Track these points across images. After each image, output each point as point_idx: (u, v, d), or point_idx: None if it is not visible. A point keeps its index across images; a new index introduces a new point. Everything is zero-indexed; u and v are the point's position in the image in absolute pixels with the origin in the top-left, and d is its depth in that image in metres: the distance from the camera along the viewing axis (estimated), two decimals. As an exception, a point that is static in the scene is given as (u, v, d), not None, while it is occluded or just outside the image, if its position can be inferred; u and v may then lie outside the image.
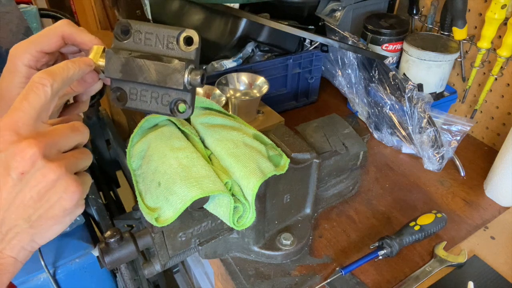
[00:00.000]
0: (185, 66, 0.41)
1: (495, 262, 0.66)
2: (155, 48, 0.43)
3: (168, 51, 0.43)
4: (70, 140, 0.39)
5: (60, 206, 0.37)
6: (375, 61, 0.85)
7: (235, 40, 0.91)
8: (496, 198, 0.78)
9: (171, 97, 0.44)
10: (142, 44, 0.43)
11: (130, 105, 0.45)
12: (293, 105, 1.06)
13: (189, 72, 0.42)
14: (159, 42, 0.42)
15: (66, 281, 0.94)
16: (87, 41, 0.45)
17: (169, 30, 0.42)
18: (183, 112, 0.45)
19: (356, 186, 0.80)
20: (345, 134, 0.73)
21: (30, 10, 1.23)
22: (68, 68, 0.39)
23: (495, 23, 0.79)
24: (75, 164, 0.39)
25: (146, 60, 0.42)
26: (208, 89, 0.83)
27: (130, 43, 0.43)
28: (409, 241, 0.67)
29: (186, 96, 0.44)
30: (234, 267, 0.65)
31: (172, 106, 0.44)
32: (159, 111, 0.45)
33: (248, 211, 0.56)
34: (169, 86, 0.42)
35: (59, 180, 0.36)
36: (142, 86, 0.44)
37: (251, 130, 0.63)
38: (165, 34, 0.42)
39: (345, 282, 0.63)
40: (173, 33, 0.42)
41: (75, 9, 2.23)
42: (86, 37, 0.45)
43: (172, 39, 0.42)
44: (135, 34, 0.43)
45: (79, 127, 0.40)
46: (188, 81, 0.42)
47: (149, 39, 0.43)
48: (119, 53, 0.42)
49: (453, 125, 0.81)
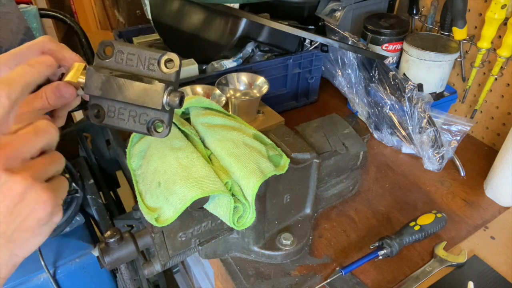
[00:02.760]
0: (165, 88, 0.42)
1: (495, 262, 0.66)
2: (136, 68, 0.43)
3: (149, 72, 0.43)
4: (34, 145, 0.36)
5: (34, 218, 0.35)
6: (375, 61, 0.85)
7: (235, 40, 0.91)
8: (496, 198, 0.78)
9: (149, 116, 0.44)
10: (123, 64, 0.44)
11: (107, 122, 0.45)
12: (293, 105, 1.06)
13: (168, 93, 0.43)
14: (141, 63, 0.43)
15: (66, 281, 0.94)
16: (67, 58, 0.44)
17: (151, 52, 0.43)
18: (160, 132, 0.45)
19: (356, 186, 0.80)
20: (345, 134, 0.73)
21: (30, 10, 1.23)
22: (26, 73, 0.37)
23: (495, 23, 0.79)
24: (44, 171, 0.36)
25: (126, 79, 0.42)
26: (208, 89, 0.83)
27: (112, 63, 0.44)
28: (409, 241, 0.67)
29: (164, 116, 0.44)
30: (234, 267, 0.65)
31: (149, 125, 0.45)
32: (136, 130, 0.45)
33: (248, 211, 0.56)
34: (147, 106, 0.43)
35: (28, 192, 0.34)
36: (121, 104, 0.44)
37: (251, 130, 0.63)
38: (147, 55, 0.43)
39: (345, 282, 0.63)
40: (155, 55, 0.43)
41: (75, 9, 2.23)
42: (67, 53, 0.44)
43: (154, 61, 0.43)
44: (117, 54, 0.43)
45: (43, 127, 0.37)
46: (167, 102, 0.43)
47: (130, 60, 0.43)
48: (100, 71, 0.43)
49: (453, 125, 0.81)
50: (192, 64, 0.91)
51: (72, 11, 2.24)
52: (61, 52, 0.44)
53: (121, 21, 1.61)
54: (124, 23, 1.56)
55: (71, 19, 1.47)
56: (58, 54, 0.44)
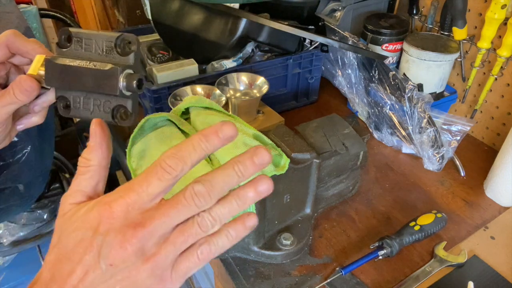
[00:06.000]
0: (120, 71, 0.40)
1: (495, 262, 0.66)
2: (94, 54, 0.41)
3: (107, 57, 0.41)
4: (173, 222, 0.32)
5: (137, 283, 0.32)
6: (375, 61, 0.85)
7: (235, 40, 0.91)
8: (496, 198, 0.78)
9: (112, 103, 0.42)
10: (82, 51, 0.42)
11: (74, 114, 0.44)
12: (293, 105, 1.06)
13: (124, 77, 0.40)
14: (98, 48, 0.41)
15: (66, 281, 0.94)
16: (30, 50, 0.44)
17: (107, 35, 0.41)
18: (125, 120, 0.43)
19: (356, 186, 0.80)
20: (345, 134, 0.73)
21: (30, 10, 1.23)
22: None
23: (495, 23, 0.79)
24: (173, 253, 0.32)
25: (81, 67, 0.41)
26: (208, 89, 0.83)
27: (71, 51, 0.42)
28: (409, 241, 0.67)
29: (126, 102, 0.42)
30: (234, 267, 0.65)
31: (114, 113, 0.43)
32: (102, 119, 0.43)
33: (248, 211, 0.56)
34: (105, 92, 0.41)
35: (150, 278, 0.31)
36: (83, 93, 0.43)
37: (251, 130, 0.63)
38: (103, 39, 0.41)
39: (345, 282, 0.63)
40: (111, 38, 0.41)
41: (75, 9, 2.23)
42: (29, 46, 0.44)
43: (110, 44, 0.41)
44: (76, 42, 0.42)
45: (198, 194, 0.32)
46: (124, 86, 0.41)
47: (88, 45, 0.42)
48: (58, 60, 0.41)
49: (453, 125, 0.81)
50: (192, 64, 0.91)
51: (72, 11, 2.23)
52: (23, 44, 0.44)
53: (121, 21, 1.61)
54: (124, 23, 1.56)
55: (71, 19, 1.48)
56: (21, 46, 0.44)
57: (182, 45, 0.98)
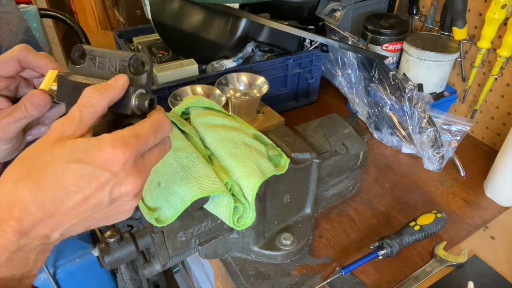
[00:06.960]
0: (132, 91, 0.40)
1: (495, 262, 0.66)
2: (107, 72, 0.42)
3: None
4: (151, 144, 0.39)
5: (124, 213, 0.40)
6: (375, 61, 0.85)
7: (235, 40, 0.91)
8: (496, 198, 0.78)
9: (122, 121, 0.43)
10: (95, 68, 0.42)
11: None
12: (293, 105, 1.06)
13: (136, 96, 0.41)
14: (112, 66, 0.42)
15: (66, 281, 0.94)
16: (41, 65, 0.45)
17: (121, 54, 0.42)
18: None
19: (356, 186, 0.80)
20: (345, 134, 0.73)
21: (30, 10, 1.23)
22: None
23: (495, 23, 0.79)
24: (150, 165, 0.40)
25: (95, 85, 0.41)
26: (208, 89, 0.83)
27: (84, 68, 0.43)
28: (409, 241, 0.67)
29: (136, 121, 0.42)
30: (234, 267, 0.65)
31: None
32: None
33: (248, 211, 0.56)
34: (117, 111, 0.41)
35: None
36: None
37: (251, 130, 0.63)
38: (117, 58, 0.42)
39: (345, 282, 0.63)
40: (125, 57, 0.42)
41: (75, 9, 2.23)
42: (41, 60, 0.45)
43: (123, 63, 0.42)
44: (89, 59, 0.42)
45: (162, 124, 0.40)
46: (136, 106, 0.41)
47: (101, 63, 0.42)
48: (71, 77, 0.42)
49: (453, 125, 0.81)
50: (192, 64, 0.91)
51: (72, 11, 2.23)
52: (35, 59, 0.45)
53: (121, 21, 1.61)
54: (124, 23, 1.56)
55: (71, 19, 1.48)
56: (32, 61, 0.45)
57: (182, 45, 0.98)
